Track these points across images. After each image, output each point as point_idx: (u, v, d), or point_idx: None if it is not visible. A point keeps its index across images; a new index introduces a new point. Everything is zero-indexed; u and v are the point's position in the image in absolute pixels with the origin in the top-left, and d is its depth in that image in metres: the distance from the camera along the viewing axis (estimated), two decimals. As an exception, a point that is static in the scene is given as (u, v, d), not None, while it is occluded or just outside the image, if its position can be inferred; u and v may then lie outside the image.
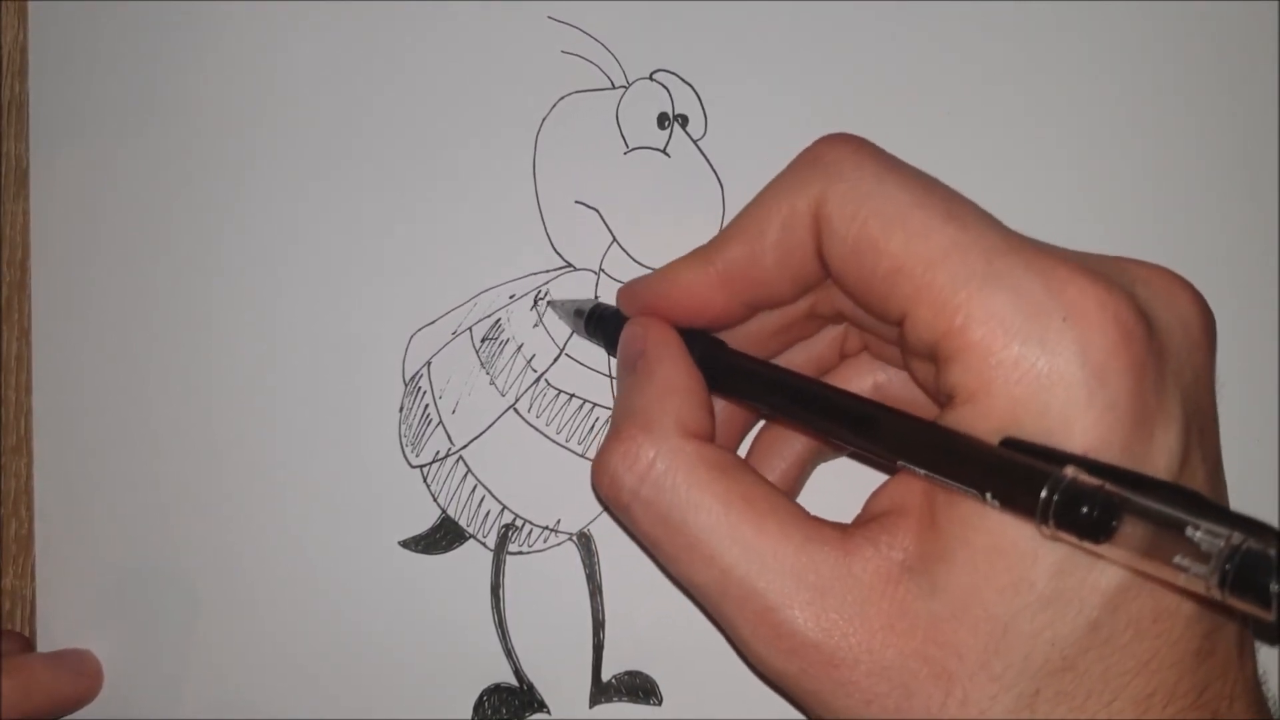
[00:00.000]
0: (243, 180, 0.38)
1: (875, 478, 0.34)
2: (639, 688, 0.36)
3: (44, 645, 0.37)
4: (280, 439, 0.37)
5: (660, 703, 0.36)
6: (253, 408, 0.37)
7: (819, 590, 0.25)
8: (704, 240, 0.36)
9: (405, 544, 0.37)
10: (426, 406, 0.37)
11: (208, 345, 0.38)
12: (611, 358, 0.36)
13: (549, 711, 0.36)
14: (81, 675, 0.37)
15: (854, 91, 0.36)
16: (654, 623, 0.36)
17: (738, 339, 0.31)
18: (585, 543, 0.37)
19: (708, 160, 0.36)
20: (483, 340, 0.37)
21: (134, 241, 0.38)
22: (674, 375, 0.29)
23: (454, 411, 0.37)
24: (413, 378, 0.37)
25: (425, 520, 0.37)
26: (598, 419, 0.36)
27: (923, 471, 0.24)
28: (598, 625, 0.36)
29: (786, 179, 0.28)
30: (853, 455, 0.35)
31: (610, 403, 0.36)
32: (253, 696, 0.37)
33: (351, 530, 0.37)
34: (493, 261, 0.37)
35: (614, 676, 0.36)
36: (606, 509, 0.36)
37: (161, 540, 0.37)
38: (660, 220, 0.36)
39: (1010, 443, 0.23)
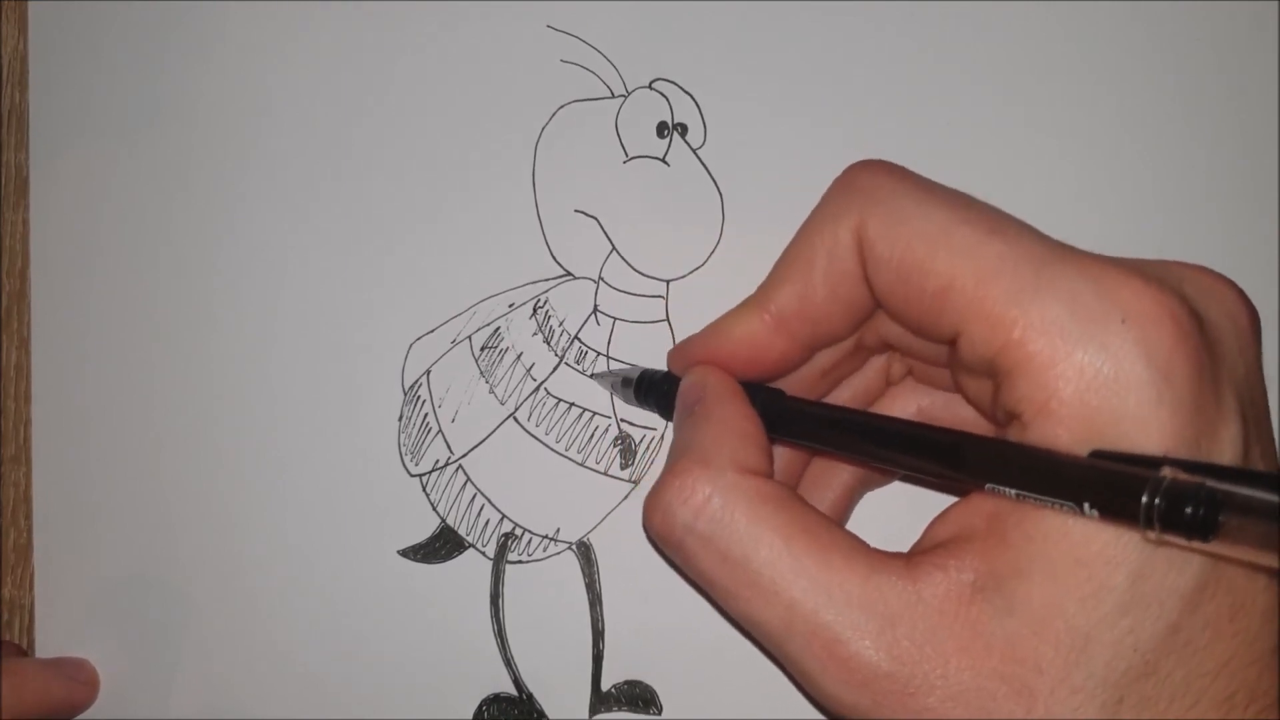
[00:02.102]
0: (242, 189, 0.38)
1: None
2: (639, 697, 0.36)
3: (42, 654, 0.37)
4: (279, 448, 0.37)
5: (660, 712, 0.36)
6: (252, 417, 0.37)
7: (888, 620, 0.25)
8: (702, 248, 0.36)
9: (404, 553, 0.37)
10: (426, 415, 0.37)
11: (207, 355, 0.38)
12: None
13: (548, 721, 0.36)
14: (77, 682, 0.37)
15: (854, 100, 0.36)
16: (654, 632, 0.36)
17: (790, 385, 0.30)
18: (585, 552, 0.36)
19: (707, 169, 0.36)
20: (482, 349, 0.37)
21: (134, 251, 0.38)
22: (733, 417, 0.28)
23: (453, 420, 0.37)
24: (412, 386, 0.37)
25: (424, 529, 0.37)
26: (597, 428, 0.36)
27: (1013, 492, 0.24)
28: (597, 634, 0.36)
29: (824, 211, 0.28)
30: (904, 478, 0.34)
31: (609, 411, 0.36)
32: (251, 707, 0.37)
33: (351, 539, 0.37)
34: (492, 270, 0.37)
35: (614, 686, 0.36)
36: (657, 547, 0.34)
37: (161, 550, 0.37)
38: (659, 229, 0.36)
39: (1097, 454, 0.23)
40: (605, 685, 0.36)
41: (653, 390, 0.33)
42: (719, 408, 0.29)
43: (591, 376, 0.36)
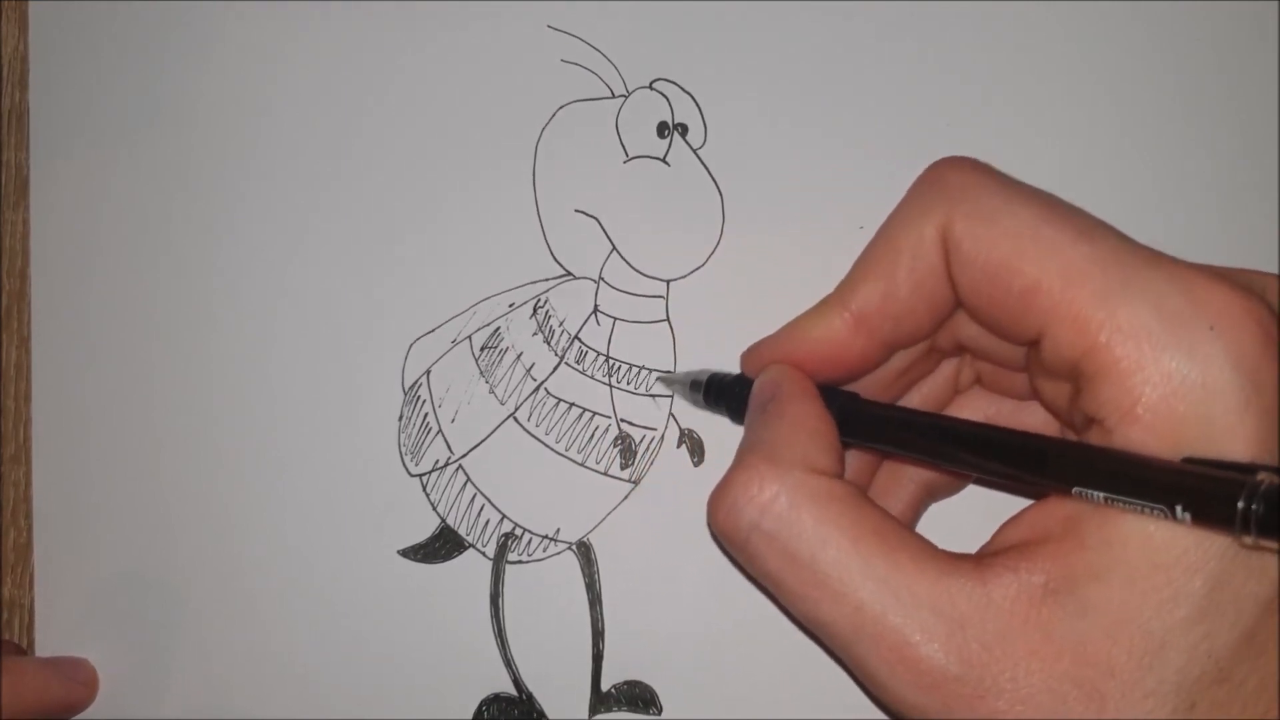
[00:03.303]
0: (242, 189, 0.38)
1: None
2: (638, 697, 0.36)
3: (42, 654, 0.37)
4: (279, 448, 0.37)
5: (660, 712, 0.36)
6: (252, 417, 0.37)
7: (958, 622, 0.24)
8: (702, 248, 0.36)
9: (404, 553, 0.37)
10: (426, 415, 0.37)
11: (207, 354, 0.38)
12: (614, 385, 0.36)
13: (548, 721, 0.36)
14: (75, 682, 0.36)
15: (854, 100, 0.36)
16: (654, 632, 0.36)
17: (862, 388, 0.30)
18: (585, 552, 0.36)
19: (707, 169, 0.36)
20: (482, 349, 0.37)
21: (134, 251, 0.38)
22: (806, 416, 0.28)
23: (453, 420, 0.37)
24: (412, 386, 0.37)
25: (424, 529, 0.37)
26: (597, 428, 0.36)
27: (1101, 495, 0.24)
28: (597, 634, 0.36)
29: (908, 208, 0.27)
30: (978, 482, 0.34)
31: (609, 411, 0.36)
32: (251, 707, 0.37)
33: (351, 539, 0.37)
34: (492, 270, 0.37)
35: (613, 686, 0.36)
36: (719, 544, 0.32)
37: (161, 550, 0.37)
38: (660, 229, 0.36)
39: (1188, 459, 0.23)
40: (605, 685, 0.36)
41: (724, 393, 0.33)
42: (792, 406, 0.28)
43: (657, 380, 0.36)
